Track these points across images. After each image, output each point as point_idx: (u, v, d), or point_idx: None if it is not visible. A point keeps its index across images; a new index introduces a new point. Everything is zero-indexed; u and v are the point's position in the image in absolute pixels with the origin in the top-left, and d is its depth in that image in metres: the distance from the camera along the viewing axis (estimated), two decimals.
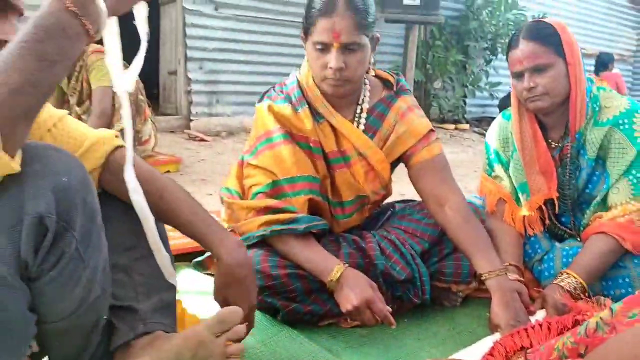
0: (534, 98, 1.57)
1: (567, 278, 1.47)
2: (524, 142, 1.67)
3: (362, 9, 1.40)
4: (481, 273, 1.41)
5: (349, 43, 1.39)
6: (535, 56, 1.53)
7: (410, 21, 6.06)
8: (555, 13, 8.28)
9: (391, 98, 1.59)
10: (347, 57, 1.40)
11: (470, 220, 1.51)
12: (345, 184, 1.55)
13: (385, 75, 1.63)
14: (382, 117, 1.57)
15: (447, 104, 7.01)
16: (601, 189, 1.60)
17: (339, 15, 1.37)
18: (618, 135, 1.55)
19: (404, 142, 1.56)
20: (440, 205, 1.51)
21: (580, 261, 1.51)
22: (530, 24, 1.60)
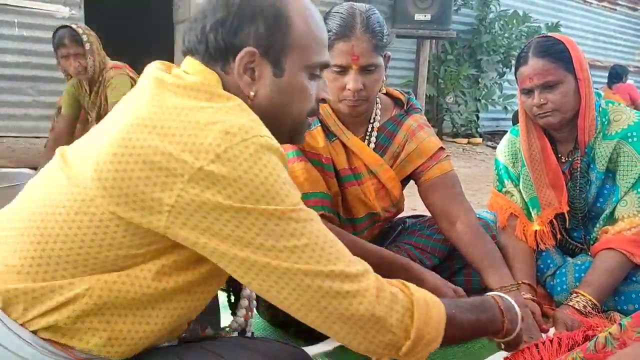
0: (544, 114, 1.57)
1: (576, 297, 1.46)
2: (532, 157, 1.67)
3: (378, 31, 1.41)
4: (493, 289, 1.41)
5: (367, 65, 1.40)
6: (545, 73, 1.53)
7: (421, 36, 6.08)
8: (568, 25, 8.26)
9: (401, 116, 1.60)
10: (365, 78, 1.41)
11: (481, 236, 1.51)
12: (357, 200, 1.56)
13: (396, 94, 1.64)
14: (393, 135, 1.58)
15: (459, 118, 6.99)
16: (612, 202, 1.60)
17: (357, 38, 1.38)
18: (627, 149, 1.55)
19: (414, 160, 1.57)
20: (451, 222, 1.52)
21: (590, 279, 1.50)
22: (540, 40, 1.61)
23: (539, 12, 7.85)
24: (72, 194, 0.80)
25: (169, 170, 0.75)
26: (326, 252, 0.78)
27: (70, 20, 4.37)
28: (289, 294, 0.78)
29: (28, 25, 4.37)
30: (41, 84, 4.46)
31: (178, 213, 0.75)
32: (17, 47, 4.35)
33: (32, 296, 0.80)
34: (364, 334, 0.81)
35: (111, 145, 0.79)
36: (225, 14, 0.86)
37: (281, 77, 0.89)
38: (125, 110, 0.85)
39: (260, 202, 0.75)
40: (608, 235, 1.55)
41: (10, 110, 4.39)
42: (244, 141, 0.75)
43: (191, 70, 0.87)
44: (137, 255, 0.80)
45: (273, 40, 0.87)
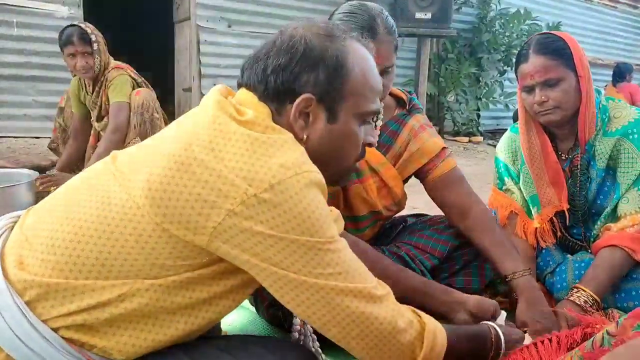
0: (545, 112, 1.56)
1: (577, 292, 1.46)
2: (532, 155, 1.66)
3: (395, 31, 1.42)
4: (506, 275, 1.43)
5: (388, 66, 1.41)
6: (546, 70, 1.53)
7: (422, 35, 6.08)
8: (570, 23, 8.24)
9: (404, 116, 1.60)
10: (385, 79, 1.40)
11: (493, 226, 1.53)
12: (359, 198, 1.55)
13: (398, 93, 1.63)
14: (395, 134, 1.58)
15: (460, 117, 6.98)
16: (612, 199, 1.59)
17: (381, 40, 1.37)
18: (627, 145, 1.54)
19: (417, 160, 1.57)
20: (462, 215, 1.53)
21: (591, 275, 1.49)
22: (540, 37, 1.60)
23: (539, 10, 7.82)
24: (121, 200, 0.84)
25: (221, 192, 0.79)
26: (357, 276, 0.86)
27: (69, 20, 4.36)
28: (317, 309, 0.84)
29: (27, 24, 4.37)
30: (41, 84, 4.46)
31: (223, 231, 0.80)
32: (16, 47, 4.34)
33: (62, 294, 0.82)
34: (377, 351, 0.88)
35: (167, 159, 0.83)
36: (288, 60, 0.90)
37: (334, 123, 0.93)
38: (185, 128, 0.89)
39: (304, 234, 0.81)
40: (610, 232, 1.54)
41: (9, 111, 4.39)
42: (297, 175, 0.81)
43: (246, 103, 0.92)
44: (173, 267, 0.84)
45: (331, 88, 0.91)
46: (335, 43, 0.92)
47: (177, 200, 0.81)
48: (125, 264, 0.83)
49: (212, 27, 5.47)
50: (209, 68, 5.50)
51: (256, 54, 0.95)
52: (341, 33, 0.95)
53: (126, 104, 3.01)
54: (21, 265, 0.85)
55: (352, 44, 0.95)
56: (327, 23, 0.97)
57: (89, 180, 0.91)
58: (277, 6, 5.85)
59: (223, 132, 0.84)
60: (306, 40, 0.91)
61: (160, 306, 0.85)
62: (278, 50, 0.92)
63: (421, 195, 1.64)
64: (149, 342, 0.86)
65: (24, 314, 0.81)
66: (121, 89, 2.99)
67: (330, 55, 0.91)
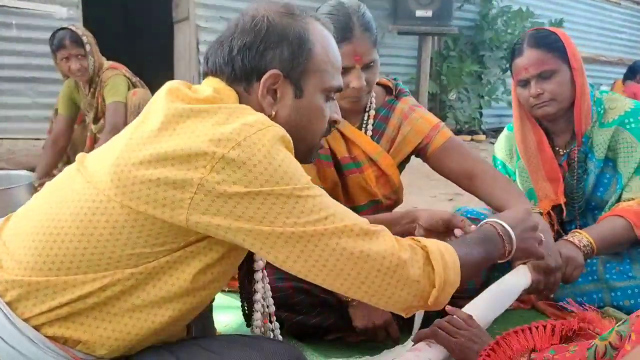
0: (541, 104, 1.58)
1: (577, 235, 1.46)
2: (527, 150, 1.68)
3: (372, 26, 1.46)
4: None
5: (369, 62, 1.44)
6: (541, 63, 1.55)
7: (423, 33, 6.06)
8: (573, 20, 8.20)
9: (392, 101, 1.64)
10: (367, 74, 1.46)
11: (499, 177, 1.55)
12: (358, 188, 1.58)
13: (385, 82, 1.67)
14: (386, 119, 1.61)
15: (462, 115, 6.95)
16: (614, 191, 1.60)
17: (357, 38, 1.41)
18: (625, 135, 1.56)
19: (411, 141, 1.60)
20: (469, 178, 1.55)
21: (593, 227, 1.51)
22: (533, 32, 1.64)
23: (542, 6, 7.80)
24: (90, 195, 0.84)
25: (190, 164, 0.80)
26: (345, 217, 0.84)
27: (68, 21, 4.36)
28: (315, 261, 0.82)
29: (26, 26, 4.37)
30: (40, 85, 4.47)
31: (200, 201, 0.80)
32: (16, 48, 4.35)
33: (44, 292, 0.83)
34: (392, 289, 0.85)
35: (130, 147, 0.84)
36: (252, 38, 0.92)
37: (301, 98, 0.96)
38: (142, 119, 0.91)
39: (279, 184, 0.80)
40: (616, 207, 1.56)
41: (9, 112, 4.40)
42: (261, 130, 0.82)
43: (212, 88, 0.93)
44: (151, 254, 0.84)
45: (296, 63, 0.93)
46: (297, 21, 0.95)
47: (150, 181, 0.80)
48: (103, 257, 0.83)
49: (211, 27, 5.46)
50: None
51: (219, 38, 0.97)
52: (301, 11, 0.98)
53: (122, 104, 3.00)
54: (1, 269, 0.86)
55: (313, 22, 0.98)
56: (287, 3, 0.99)
57: (61, 182, 0.93)
58: None
59: (178, 110, 0.85)
60: (269, 18, 0.94)
61: (142, 295, 0.85)
62: (242, 31, 0.94)
63: (421, 196, 1.65)
64: (132, 335, 0.86)
65: (6, 314, 0.82)
66: (117, 89, 3.00)
67: (293, 31, 0.93)
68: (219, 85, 0.94)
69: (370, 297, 0.86)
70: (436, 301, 0.89)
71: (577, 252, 1.38)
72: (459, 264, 0.91)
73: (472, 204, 2.36)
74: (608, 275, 1.58)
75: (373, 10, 1.52)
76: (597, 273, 1.60)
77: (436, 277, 0.88)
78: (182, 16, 5.53)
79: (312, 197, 0.83)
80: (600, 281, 1.59)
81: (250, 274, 1.09)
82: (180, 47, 5.72)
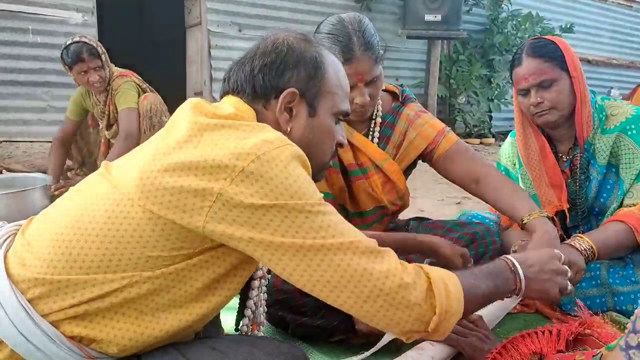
0: (542, 113, 1.60)
1: (579, 239, 1.47)
2: (529, 157, 1.69)
3: (374, 44, 1.46)
4: (522, 217, 1.42)
5: (371, 79, 1.47)
6: (540, 72, 1.57)
7: (431, 37, 6.08)
8: (584, 23, 8.18)
9: (398, 107, 1.67)
10: (370, 90, 1.48)
11: (506, 181, 1.57)
12: (365, 194, 1.60)
13: (391, 88, 1.70)
14: (392, 125, 1.64)
15: (472, 118, 6.95)
16: (616, 197, 1.61)
17: (358, 59, 1.43)
18: (627, 141, 1.57)
19: (417, 147, 1.62)
20: (476, 182, 1.57)
21: (594, 232, 1.52)
22: (532, 42, 1.64)
23: (552, 10, 7.78)
24: (115, 199, 0.89)
25: (212, 175, 0.85)
26: (352, 235, 0.87)
27: (83, 27, 4.46)
28: (321, 276, 0.85)
29: (42, 31, 4.46)
30: (55, 89, 4.55)
31: (218, 209, 0.84)
32: (32, 53, 4.44)
33: (64, 290, 0.87)
34: (394, 310, 0.87)
35: (156, 156, 0.89)
36: (273, 59, 1.00)
37: (314, 117, 1.02)
38: (167, 131, 0.96)
39: (293, 198, 0.85)
40: (619, 212, 1.57)
41: (25, 116, 4.48)
42: (279, 147, 0.87)
43: (230, 105, 0.99)
44: (168, 257, 0.88)
45: (311, 84, 1.01)
46: (312, 46, 1.04)
47: (173, 188, 0.85)
48: (122, 258, 0.87)
49: (223, 32, 5.53)
50: (219, 72, 5.56)
51: (240, 60, 1.04)
52: (316, 40, 1.07)
53: (135, 110, 3.03)
54: (24, 267, 0.90)
55: (325, 50, 1.06)
56: (304, 33, 1.08)
57: (85, 187, 0.98)
58: (286, 10, 5.91)
59: (204, 125, 0.91)
60: (288, 42, 1.02)
61: (156, 299, 0.89)
62: (263, 52, 1.01)
63: (429, 200, 1.68)
64: (144, 337, 0.90)
65: (27, 311, 0.86)
66: (128, 96, 3.02)
67: (310, 55, 1.01)
68: (238, 104, 1.00)
69: (372, 317, 0.87)
70: (437, 328, 0.89)
71: (579, 256, 1.39)
72: (462, 294, 0.91)
73: (478, 207, 2.39)
74: (611, 279, 1.58)
75: (382, 15, 1.55)
76: (601, 278, 1.60)
77: (437, 304, 0.88)
78: (194, 21, 5.61)
79: (322, 213, 0.86)
80: (603, 286, 1.59)
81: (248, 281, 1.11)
82: (193, 51, 5.79)
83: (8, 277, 0.88)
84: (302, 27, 5.93)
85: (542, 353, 1.14)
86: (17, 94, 4.41)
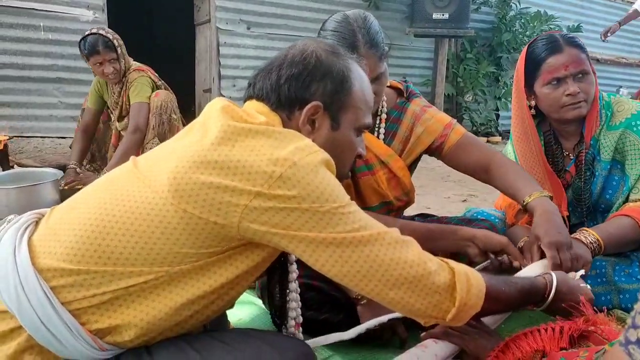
0: (577, 104, 1.56)
1: (584, 232, 1.48)
2: (530, 163, 1.70)
3: (379, 41, 1.46)
4: (524, 199, 1.45)
5: (377, 76, 1.47)
6: (580, 61, 1.56)
7: (439, 35, 6.07)
8: (592, 22, 8.13)
9: (403, 103, 1.68)
10: (375, 86, 1.45)
11: (511, 165, 1.59)
12: (370, 190, 1.61)
13: (395, 84, 1.71)
14: (398, 120, 1.65)
15: (479, 117, 6.95)
16: (622, 193, 1.61)
17: (363, 56, 1.41)
18: (632, 137, 1.57)
19: (423, 142, 1.64)
20: (486, 170, 1.60)
21: (600, 226, 1.54)
22: (562, 34, 1.63)
23: (560, 8, 7.74)
24: (147, 197, 0.91)
25: (248, 180, 0.88)
26: (378, 227, 0.93)
27: (94, 24, 4.49)
28: (351, 266, 0.90)
29: (54, 28, 4.51)
30: (66, 85, 4.59)
31: (251, 210, 0.88)
32: (43, 50, 4.48)
33: (89, 281, 0.89)
34: (416, 297, 0.93)
35: (190, 155, 0.90)
36: (300, 70, 1.01)
37: (337, 130, 1.04)
38: (201, 133, 0.96)
39: (327, 202, 0.89)
40: (624, 206, 1.58)
41: (37, 112, 4.53)
42: (311, 154, 0.91)
43: (256, 110, 1.01)
44: (195, 254, 0.91)
45: (336, 98, 1.02)
46: (340, 59, 1.04)
47: (210, 185, 0.88)
48: (151, 253, 0.90)
49: (232, 30, 5.55)
50: (228, 69, 5.59)
51: (267, 66, 1.05)
52: (345, 53, 1.08)
53: (146, 105, 3.06)
54: (50, 255, 0.91)
55: (353, 63, 1.07)
56: (333, 44, 1.11)
57: (112, 182, 0.99)
58: (295, 8, 5.92)
59: (240, 129, 0.93)
60: (316, 54, 1.03)
61: (177, 290, 0.92)
62: (291, 62, 1.02)
63: (435, 197, 1.69)
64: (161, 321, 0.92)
65: (49, 299, 0.88)
66: (141, 90, 3.06)
67: (338, 69, 1.02)
68: (264, 110, 1.01)
69: (396, 303, 0.94)
70: (454, 318, 0.96)
71: (585, 249, 1.40)
72: (484, 290, 0.98)
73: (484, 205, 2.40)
74: (617, 277, 1.58)
75: (390, 13, 1.56)
76: (606, 275, 1.60)
77: (458, 296, 0.95)
78: (203, 19, 5.63)
79: (351, 212, 0.91)
80: (609, 283, 1.59)
81: (283, 283, 1.15)
82: (202, 48, 5.82)
83: (32, 265, 0.90)
84: (310, 25, 5.98)
85: (545, 350, 1.15)
86: (28, 90, 4.45)
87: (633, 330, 0.61)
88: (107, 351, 0.92)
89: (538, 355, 1.14)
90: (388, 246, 0.92)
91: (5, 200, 2.45)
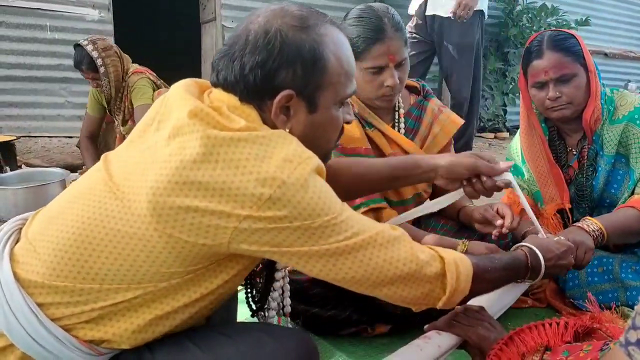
0: (558, 107, 1.59)
1: (587, 221, 1.49)
2: (533, 155, 1.69)
3: (403, 27, 1.51)
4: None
5: (401, 61, 1.50)
6: (561, 66, 1.56)
7: None
8: (600, 16, 8.05)
9: (422, 102, 1.71)
10: (400, 72, 1.52)
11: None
12: None
13: (410, 83, 1.73)
14: (419, 119, 1.68)
15: (486, 112, 6.91)
16: (627, 187, 1.61)
17: (390, 38, 1.47)
18: (636, 130, 1.57)
19: (440, 142, 1.68)
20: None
21: (604, 216, 1.54)
22: (552, 34, 1.62)
23: (567, 2, 7.67)
24: (128, 220, 0.85)
25: (237, 202, 0.82)
26: (368, 228, 0.91)
27: (100, 23, 4.51)
28: (346, 272, 0.89)
29: (60, 28, 4.52)
30: (73, 85, 4.61)
31: (241, 232, 0.84)
32: (50, 49, 4.50)
33: (77, 299, 0.87)
34: (409, 289, 0.95)
35: (167, 173, 0.82)
36: (265, 57, 0.89)
37: (315, 112, 0.95)
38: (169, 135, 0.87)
39: (319, 217, 0.85)
40: (630, 198, 1.57)
41: (44, 111, 4.55)
42: (300, 165, 0.84)
43: (231, 108, 0.90)
44: (183, 272, 0.89)
45: (309, 81, 0.92)
46: (310, 34, 0.92)
47: (195, 209, 0.82)
48: (137, 274, 0.87)
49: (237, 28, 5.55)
50: None
51: (229, 50, 0.93)
52: (315, 20, 0.94)
53: (149, 106, 3.07)
54: (31, 272, 0.88)
55: (327, 30, 0.94)
56: (301, 10, 0.95)
57: (88, 193, 0.92)
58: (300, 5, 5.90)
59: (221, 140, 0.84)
60: (281, 33, 0.90)
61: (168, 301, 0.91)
62: (253, 46, 0.90)
63: None
64: (157, 327, 0.92)
65: (37, 316, 0.86)
66: (144, 93, 3.09)
67: (308, 48, 0.90)
68: (235, 103, 0.91)
69: (391, 296, 0.95)
70: (444, 304, 0.99)
71: (587, 236, 1.41)
72: (471, 275, 1.00)
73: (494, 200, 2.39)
74: (624, 274, 1.58)
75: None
76: (613, 272, 1.60)
77: (448, 285, 0.96)
78: (209, 17, 5.64)
79: (344, 220, 0.88)
80: (616, 280, 1.59)
81: (270, 272, 1.13)
82: (207, 47, 5.82)
83: (16, 280, 0.87)
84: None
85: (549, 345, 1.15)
86: (35, 89, 4.48)
87: (633, 331, 0.60)
88: (105, 355, 0.91)
89: (542, 349, 1.14)
90: (380, 247, 0.91)
91: (13, 200, 2.48)
